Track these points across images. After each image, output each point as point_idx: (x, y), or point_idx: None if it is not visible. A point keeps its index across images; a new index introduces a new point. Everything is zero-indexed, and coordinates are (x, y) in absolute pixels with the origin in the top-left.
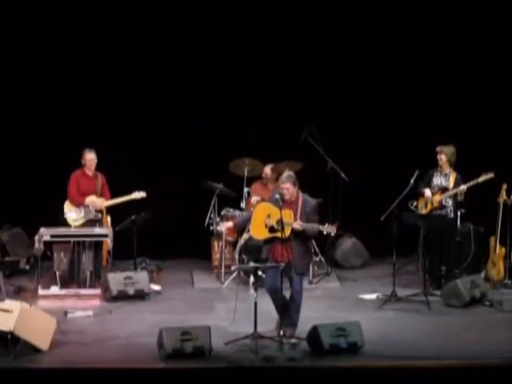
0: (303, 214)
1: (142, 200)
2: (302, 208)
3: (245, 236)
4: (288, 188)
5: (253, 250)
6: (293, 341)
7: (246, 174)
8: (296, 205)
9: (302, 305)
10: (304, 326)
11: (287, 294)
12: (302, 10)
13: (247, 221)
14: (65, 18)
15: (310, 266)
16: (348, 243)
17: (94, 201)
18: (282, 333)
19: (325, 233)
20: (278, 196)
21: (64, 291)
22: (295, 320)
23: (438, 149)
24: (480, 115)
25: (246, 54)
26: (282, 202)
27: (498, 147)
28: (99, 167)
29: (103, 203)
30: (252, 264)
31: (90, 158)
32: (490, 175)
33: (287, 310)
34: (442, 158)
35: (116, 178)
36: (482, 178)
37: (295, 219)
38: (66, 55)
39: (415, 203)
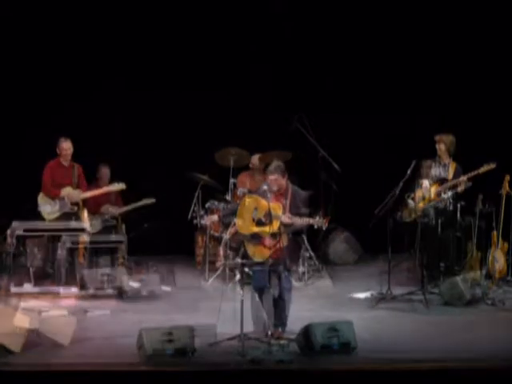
0: (293, 207)
1: (122, 192)
2: (291, 200)
3: (230, 230)
4: (276, 179)
5: (239, 246)
6: (282, 342)
7: (232, 164)
8: (285, 197)
9: (292, 304)
10: (294, 326)
11: (275, 292)
12: (301, 10)
13: (233, 214)
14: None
15: (300, 263)
16: (340, 238)
17: (70, 193)
18: (270, 333)
19: (316, 227)
20: (265, 187)
21: (38, 289)
22: (284, 320)
23: (437, 138)
24: (482, 105)
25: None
26: (271, 194)
27: (501, 136)
28: (77, 159)
29: (80, 195)
30: (238, 260)
31: (66, 147)
32: (492, 166)
33: (276, 310)
34: (441, 148)
35: (95, 170)
36: (483, 169)
37: (284, 212)
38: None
39: (412, 195)
